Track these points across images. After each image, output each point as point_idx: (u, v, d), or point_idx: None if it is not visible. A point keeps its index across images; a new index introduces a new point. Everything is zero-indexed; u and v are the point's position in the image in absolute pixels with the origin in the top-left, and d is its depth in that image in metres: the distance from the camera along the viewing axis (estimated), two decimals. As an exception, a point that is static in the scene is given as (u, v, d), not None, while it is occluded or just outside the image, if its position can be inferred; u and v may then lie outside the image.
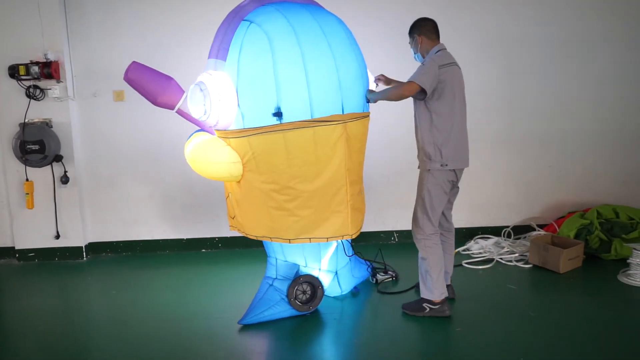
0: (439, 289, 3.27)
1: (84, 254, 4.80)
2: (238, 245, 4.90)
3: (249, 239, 3.29)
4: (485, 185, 4.98)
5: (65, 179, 4.62)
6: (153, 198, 4.87)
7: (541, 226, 5.00)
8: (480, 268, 4.20)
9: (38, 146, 4.45)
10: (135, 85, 3.02)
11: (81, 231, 4.78)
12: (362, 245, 4.62)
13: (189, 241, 4.96)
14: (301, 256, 3.34)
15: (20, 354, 3.06)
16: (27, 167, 4.55)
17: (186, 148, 3.19)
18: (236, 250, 4.89)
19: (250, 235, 3.21)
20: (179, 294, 3.86)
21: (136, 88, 3.04)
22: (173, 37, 4.65)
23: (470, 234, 4.94)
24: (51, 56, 4.47)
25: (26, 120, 4.49)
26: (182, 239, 4.95)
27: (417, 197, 3.36)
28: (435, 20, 3.35)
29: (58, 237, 4.73)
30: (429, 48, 3.30)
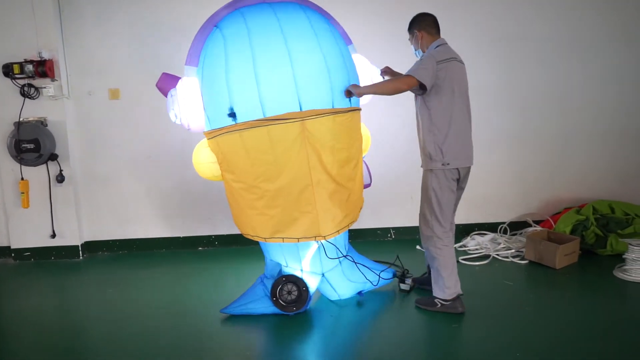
0: (451, 288, 3.24)
1: (80, 252, 4.79)
2: (234, 243, 4.89)
3: (244, 238, 3.29)
4: (481, 182, 4.97)
5: (60, 178, 4.61)
6: (149, 196, 4.86)
7: (537, 222, 5.02)
8: (477, 264, 4.21)
9: (33, 145, 4.43)
10: (164, 93, 3.20)
11: (77, 230, 4.76)
12: (359, 243, 4.63)
13: (185, 239, 4.95)
14: (281, 256, 3.34)
15: (16, 353, 3.05)
16: (22, 166, 4.54)
17: None
18: (233, 248, 4.88)
19: (242, 232, 3.27)
20: (176, 292, 3.86)
21: (165, 95, 3.20)
22: (167, 36, 4.63)
23: (466, 230, 4.95)
24: (45, 55, 4.45)
25: (21, 119, 4.47)
26: (179, 237, 4.95)
27: (422, 197, 3.31)
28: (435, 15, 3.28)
29: (54, 236, 4.71)
30: (429, 44, 3.24)
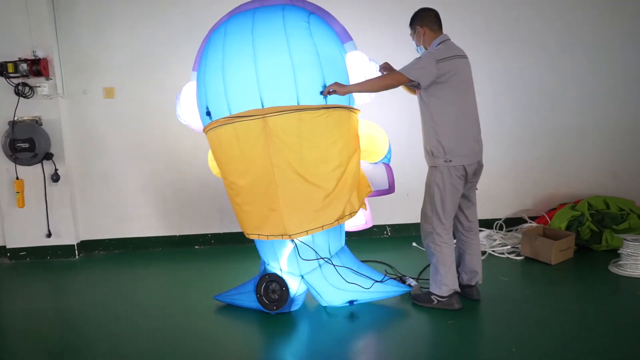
0: (448, 285, 3.22)
1: (76, 252, 4.78)
2: (231, 242, 4.89)
3: (241, 236, 3.30)
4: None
5: (56, 177, 4.60)
6: (145, 195, 4.86)
7: (533, 218, 5.03)
8: (473, 261, 4.22)
9: (28, 144, 4.42)
10: None
11: (73, 229, 4.75)
12: (355, 240, 4.63)
13: (181, 238, 4.94)
14: (263, 253, 3.37)
15: (12, 353, 3.04)
16: (17, 165, 4.53)
17: None
18: (229, 246, 4.88)
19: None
20: (172, 291, 3.86)
21: None
22: (162, 34, 4.63)
23: (462, 227, 4.96)
24: (40, 53, 4.45)
25: (15, 118, 4.46)
26: (175, 236, 4.94)
27: (425, 193, 3.27)
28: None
29: (49, 235, 4.70)
30: (431, 40, 3.17)
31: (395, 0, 4.63)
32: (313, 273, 3.27)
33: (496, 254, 4.34)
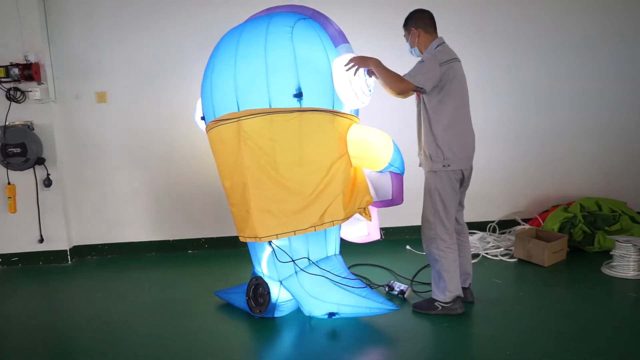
0: (452, 291, 3.20)
1: (69, 257, 4.75)
2: (224, 246, 4.88)
3: (234, 240, 3.30)
4: (470, 181, 5.00)
5: (48, 182, 4.57)
6: (138, 200, 4.83)
7: (526, 220, 5.05)
8: (467, 263, 4.23)
9: (20, 149, 4.39)
10: None
11: (65, 234, 4.72)
12: (348, 244, 4.61)
13: (174, 242, 4.92)
14: (251, 255, 3.39)
15: (6, 358, 3.02)
16: (8, 170, 4.49)
17: None
18: (222, 250, 4.87)
19: None
20: (165, 296, 3.84)
21: None
22: (154, 38, 4.62)
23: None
24: (31, 58, 4.42)
25: (7, 123, 4.43)
26: (168, 241, 4.92)
27: (425, 199, 3.24)
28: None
29: (42, 240, 4.67)
30: (426, 42, 3.16)
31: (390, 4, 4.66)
32: (290, 279, 3.18)
33: (489, 256, 4.36)
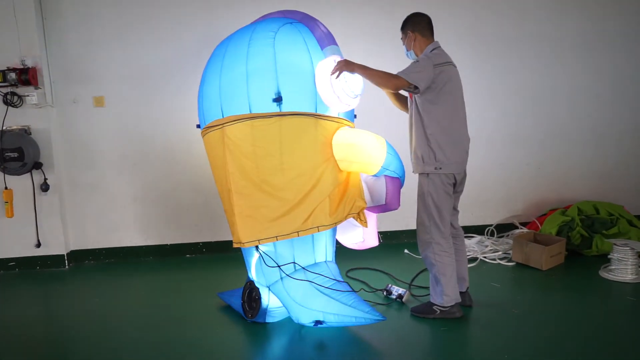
0: (450, 295, 3.20)
1: (66, 262, 4.74)
2: (221, 250, 4.87)
3: (231, 244, 3.27)
4: (467, 185, 4.96)
5: (45, 187, 4.56)
6: (135, 204, 4.82)
7: (523, 224, 5.06)
8: (465, 267, 4.23)
9: (17, 154, 4.38)
10: None
11: (62, 239, 4.71)
12: (345, 248, 4.60)
13: (172, 247, 4.91)
14: (244, 258, 3.41)
15: (0, 365, 3.01)
16: (5, 175, 4.48)
17: None
18: (220, 255, 4.86)
19: None
20: (163, 301, 3.82)
21: None
22: (152, 43, 4.61)
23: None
24: (29, 62, 4.41)
25: (4, 128, 4.42)
26: (165, 245, 4.91)
27: (419, 203, 3.24)
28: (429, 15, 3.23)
29: (39, 245, 4.66)
30: (422, 46, 3.18)
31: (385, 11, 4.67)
32: (276, 285, 3.14)
33: (487, 260, 4.36)
